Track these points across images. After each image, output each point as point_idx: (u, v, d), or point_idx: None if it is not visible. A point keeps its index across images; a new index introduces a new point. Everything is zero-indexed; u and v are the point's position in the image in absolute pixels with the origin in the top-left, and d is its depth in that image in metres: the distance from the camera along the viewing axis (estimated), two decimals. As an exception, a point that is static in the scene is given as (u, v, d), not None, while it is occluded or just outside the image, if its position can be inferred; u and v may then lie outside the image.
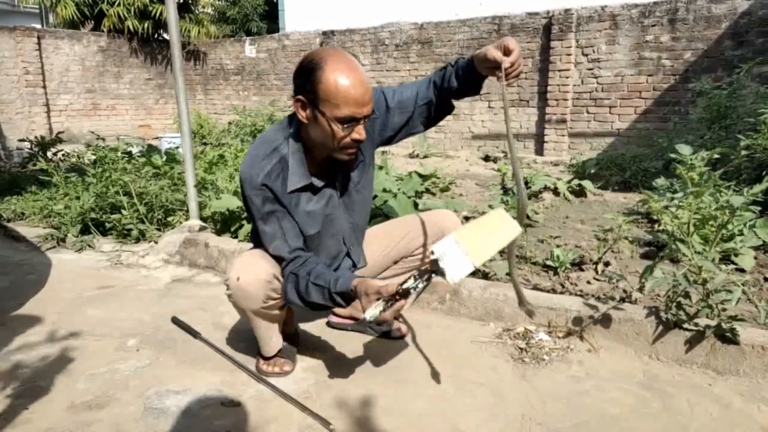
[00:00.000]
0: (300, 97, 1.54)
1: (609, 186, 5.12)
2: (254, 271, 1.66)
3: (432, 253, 1.41)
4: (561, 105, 7.91)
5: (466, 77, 1.70)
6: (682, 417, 1.59)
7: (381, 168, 4.07)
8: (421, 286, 1.44)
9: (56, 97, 10.76)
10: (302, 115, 1.57)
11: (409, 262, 2.05)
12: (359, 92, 1.50)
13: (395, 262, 2.06)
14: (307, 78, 1.51)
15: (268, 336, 1.83)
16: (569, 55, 7.73)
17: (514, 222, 1.49)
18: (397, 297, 1.44)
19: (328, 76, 1.48)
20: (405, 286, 1.43)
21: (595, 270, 2.68)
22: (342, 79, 1.48)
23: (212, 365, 1.93)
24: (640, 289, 2.29)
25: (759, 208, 2.23)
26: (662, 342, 1.91)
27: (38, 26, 14.24)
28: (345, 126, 1.52)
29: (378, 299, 1.44)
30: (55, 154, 5.10)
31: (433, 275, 1.44)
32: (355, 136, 1.54)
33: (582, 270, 2.69)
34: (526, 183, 4.53)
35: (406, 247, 2.01)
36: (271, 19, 15.39)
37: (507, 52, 1.53)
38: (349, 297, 1.55)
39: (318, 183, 1.69)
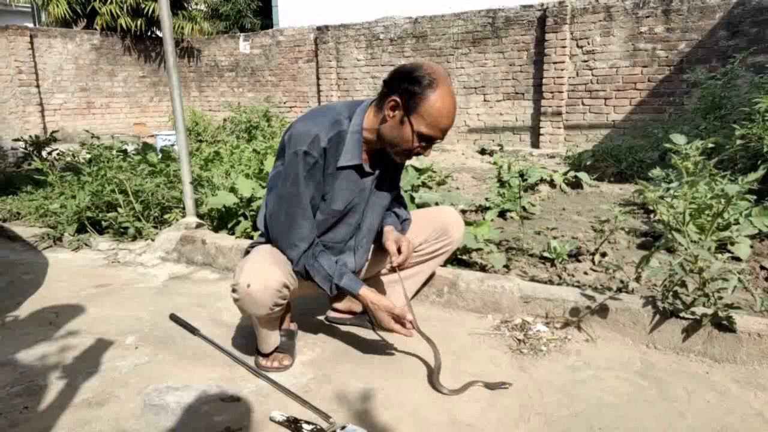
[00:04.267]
0: (397, 98, 1.60)
1: (605, 177, 5.13)
2: (265, 278, 1.65)
3: (342, 428, 1.50)
4: (556, 97, 7.91)
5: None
6: (679, 404, 1.60)
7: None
8: None
9: (50, 96, 10.71)
10: (389, 113, 1.64)
11: (411, 258, 2.06)
12: (449, 123, 1.64)
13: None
14: (417, 87, 1.58)
15: (268, 335, 1.84)
16: (564, 47, 7.73)
17: None
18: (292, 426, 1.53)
19: (437, 98, 1.58)
20: (301, 427, 1.51)
21: (592, 261, 2.69)
22: (445, 106, 1.59)
23: (211, 361, 1.94)
24: (637, 279, 2.30)
25: (754, 197, 2.24)
26: (659, 331, 1.91)
27: (30, 25, 14.16)
28: (422, 142, 1.64)
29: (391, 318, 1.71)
30: (50, 153, 5.08)
31: None
32: (422, 151, 1.68)
33: (579, 261, 2.70)
34: (522, 175, 4.53)
35: None
36: (264, 14, 15.34)
37: (400, 251, 1.83)
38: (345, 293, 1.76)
39: (366, 168, 1.76)
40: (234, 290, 1.68)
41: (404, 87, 1.59)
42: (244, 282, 1.65)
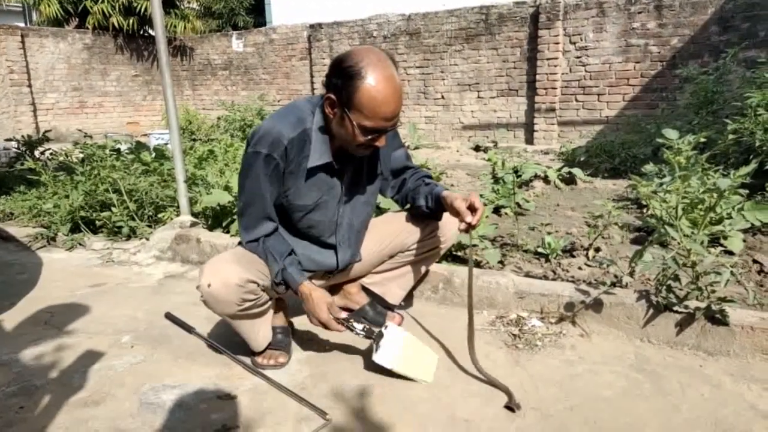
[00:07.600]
0: (331, 96, 1.54)
1: (599, 173, 5.15)
2: (223, 276, 1.65)
3: (386, 327, 1.68)
4: (550, 94, 7.93)
5: (433, 207, 1.88)
6: (674, 398, 1.61)
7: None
8: (358, 335, 1.70)
9: (42, 95, 10.64)
10: (329, 111, 1.58)
11: (405, 257, 2.06)
12: (390, 109, 1.52)
13: (391, 257, 2.07)
14: (344, 82, 1.50)
15: (254, 332, 1.82)
16: (557, 43, 7.74)
17: (431, 374, 1.75)
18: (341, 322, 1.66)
19: (367, 88, 1.48)
20: (353, 325, 1.67)
21: (586, 256, 2.70)
22: (378, 94, 1.48)
23: (207, 359, 1.94)
24: (631, 274, 2.31)
25: (747, 191, 2.25)
26: (653, 325, 1.93)
27: (22, 24, 14.06)
28: (368, 135, 1.56)
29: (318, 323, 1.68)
30: (42, 153, 5.05)
31: (370, 338, 1.72)
32: (374, 144, 1.59)
33: (573, 256, 2.71)
34: (516, 172, 4.54)
35: (403, 243, 2.02)
36: (257, 12, 15.28)
37: (472, 209, 1.69)
38: (288, 284, 1.71)
39: (336, 165, 1.71)
40: (200, 293, 1.69)
41: (335, 83, 1.52)
42: (204, 283, 1.66)
